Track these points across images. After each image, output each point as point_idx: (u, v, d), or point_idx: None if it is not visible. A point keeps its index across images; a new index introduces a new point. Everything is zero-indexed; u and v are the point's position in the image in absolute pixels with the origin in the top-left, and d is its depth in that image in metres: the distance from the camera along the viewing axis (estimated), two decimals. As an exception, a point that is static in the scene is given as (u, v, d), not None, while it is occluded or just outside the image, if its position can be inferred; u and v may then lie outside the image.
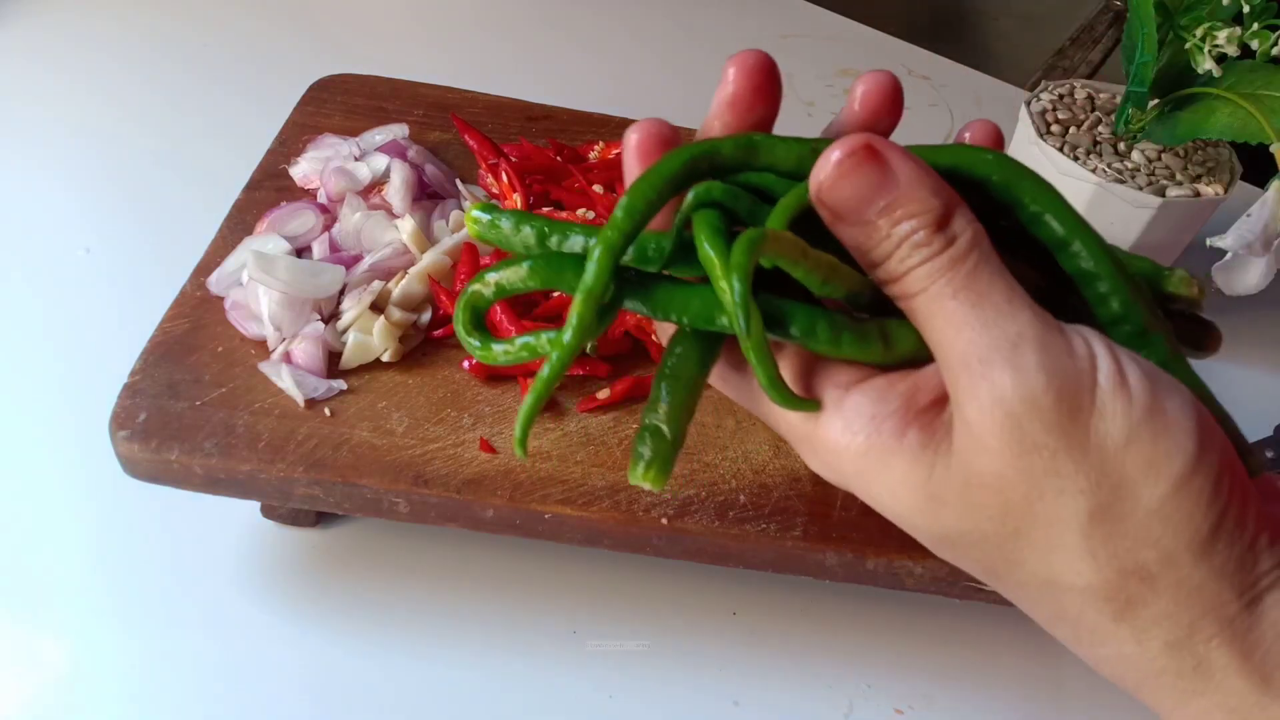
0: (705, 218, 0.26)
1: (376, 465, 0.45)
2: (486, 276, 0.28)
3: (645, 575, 0.53)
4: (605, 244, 0.25)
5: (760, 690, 0.50)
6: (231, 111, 0.77)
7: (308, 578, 0.51)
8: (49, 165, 0.71)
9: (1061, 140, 0.66)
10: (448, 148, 0.62)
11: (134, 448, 0.44)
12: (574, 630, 0.51)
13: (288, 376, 0.47)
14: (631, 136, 0.28)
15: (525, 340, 0.27)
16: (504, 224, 0.29)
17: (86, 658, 0.47)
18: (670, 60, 0.94)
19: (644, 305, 0.28)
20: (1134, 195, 0.62)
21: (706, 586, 0.53)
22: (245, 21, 0.88)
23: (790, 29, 1.02)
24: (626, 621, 0.51)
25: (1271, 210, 0.55)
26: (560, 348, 0.26)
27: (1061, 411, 0.24)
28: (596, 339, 0.49)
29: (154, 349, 0.48)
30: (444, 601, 0.51)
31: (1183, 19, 0.60)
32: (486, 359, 0.28)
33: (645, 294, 0.27)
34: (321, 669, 0.48)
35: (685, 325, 0.28)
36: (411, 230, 0.53)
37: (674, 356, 0.28)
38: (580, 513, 0.45)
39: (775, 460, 0.48)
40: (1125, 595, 0.25)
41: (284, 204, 0.55)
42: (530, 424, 0.27)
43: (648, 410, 0.27)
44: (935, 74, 0.99)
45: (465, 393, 0.48)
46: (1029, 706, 0.51)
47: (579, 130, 0.65)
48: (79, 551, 0.51)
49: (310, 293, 0.49)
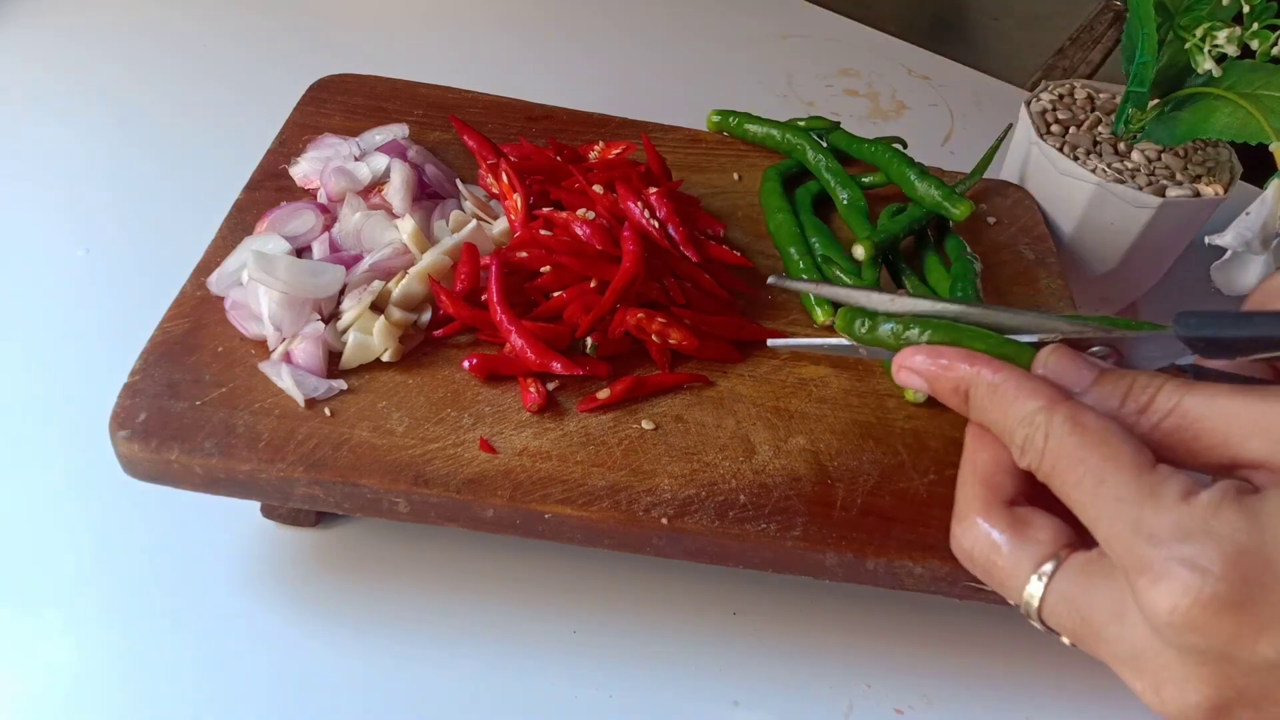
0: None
1: (376, 465, 0.45)
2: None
3: (645, 575, 0.53)
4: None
5: (760, 690, 0.50)
6: (231, 111, 0.77)
7: (308, 578, 0.51)
8: (48, 165, 0.71)
9: (1061, 140, 0.66)
10: (448, 148, 0.62)
11: (134, 448, 0.44)
12: (574, 630, 0.51)
13: (288, 376, 0.47)
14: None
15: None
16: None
17: (86, 657, 0.47)
18: (670, 60, 0.94)
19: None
20: (1134, 195, 0.62)
21: (706, 586, 0.53)
22: (245, 21, 0.88)
23: (790, 29, 1.02)
24: (626, 621, 0.51)
25: (1270, 208, 0.55)
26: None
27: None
28: (595, 339, 0.50)
29: (154, 349, 0.48)
30: (444, 601, 0.51)
31: (1183, 19, 0.60)
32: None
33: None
34: (321, 668, 0.48)
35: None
36: (411, 230, 0.53)
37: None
38: (580, 513, 0.45)
39: (775, 460, 0.48)
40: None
41: (284, 204, 0.55)
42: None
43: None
44: (935, 74, 0.99)
45: (465, 393, 0.48)
46: (1029, 706, 0.51)
47: (579, 130, 0.65)
48: (79, 551, 0.51)
49: (310, 293, 0.49)
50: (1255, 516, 0.26)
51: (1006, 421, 0.31)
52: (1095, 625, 0.29)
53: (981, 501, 0.32)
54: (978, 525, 0.32)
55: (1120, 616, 0.28)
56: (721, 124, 0.68)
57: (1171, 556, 0.26)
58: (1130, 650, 0.28)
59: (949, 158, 0.88)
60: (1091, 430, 0.29)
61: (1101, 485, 0.28)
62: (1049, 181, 0.66)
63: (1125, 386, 0.31)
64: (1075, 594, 0.29)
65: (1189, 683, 0.27)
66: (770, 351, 0.53)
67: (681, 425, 0.49)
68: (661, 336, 0.51)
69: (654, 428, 0.48)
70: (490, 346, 0.50)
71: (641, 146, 0.61)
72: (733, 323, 0.53)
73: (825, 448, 0.49)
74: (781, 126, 0.66)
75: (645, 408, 0.49)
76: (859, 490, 0.47)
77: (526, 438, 0.47)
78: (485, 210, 0.57)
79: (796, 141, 0.66)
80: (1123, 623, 0.28)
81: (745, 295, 0.56)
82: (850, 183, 0.63)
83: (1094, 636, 0.29)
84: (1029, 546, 0.30)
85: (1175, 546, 0.26)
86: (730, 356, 0.52)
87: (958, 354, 0.33)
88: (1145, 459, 0.28)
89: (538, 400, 0.48)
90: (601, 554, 0.50)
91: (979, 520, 0.32)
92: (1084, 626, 0.29)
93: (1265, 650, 0.25)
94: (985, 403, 0.32)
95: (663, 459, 0.47)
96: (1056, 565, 0.30)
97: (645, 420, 0.49)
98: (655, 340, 0.51)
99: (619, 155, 0.61)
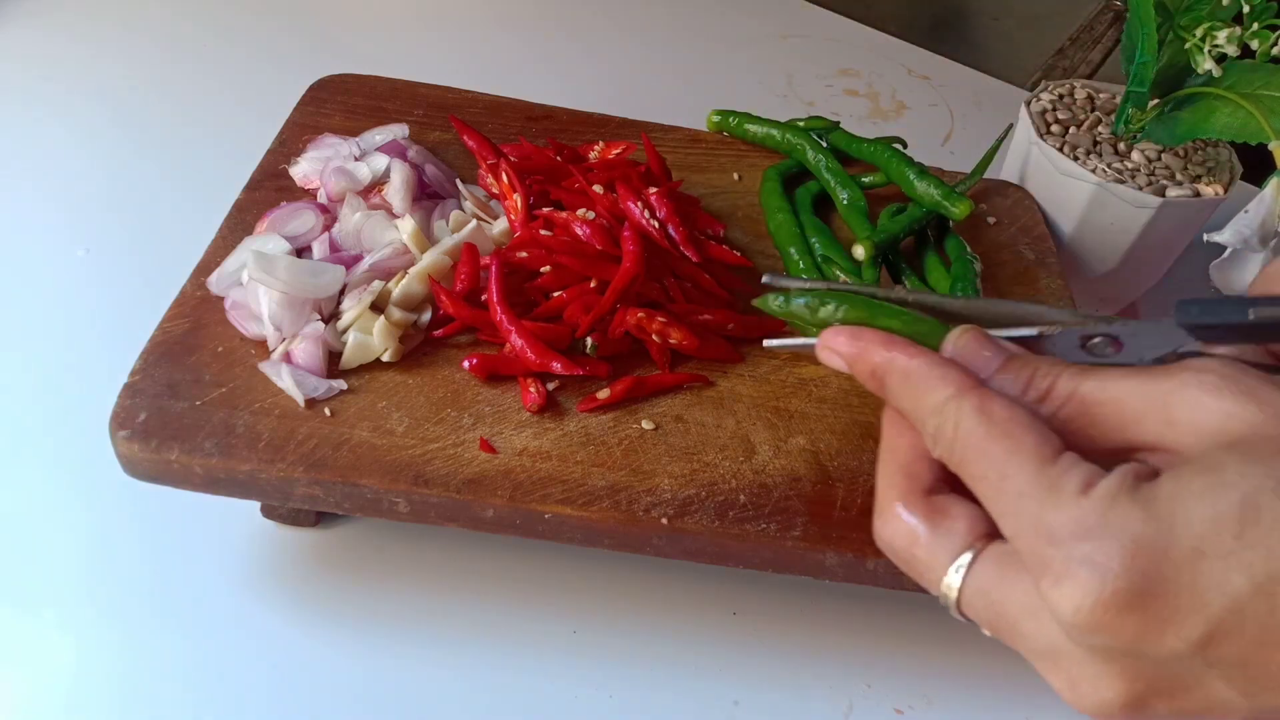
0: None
1: (376, 465, 0.45)
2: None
3: (645, 575, 0.53)
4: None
5: (760, 690, 0.50)
6: (231, 111, 0.77)
7: (308, 578, 0.51)
8: (48, 165, 0.71)
9: (1061, 140, 0.66)
10: (448, 148, 0.62)
11: (134, 448, 0.44)
12: (574, 630, 0.51)
13: (288, 376, 0.47)
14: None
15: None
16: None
17: (86, 657, 0.47)
18: (670, 60, 0.94)
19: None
20: (1134, 195, 0.62)
21: (706, 586, 0.53)
22: (245, 21, 0.88)
23: (790, 29, 1.02)
24: (626, 621, 0.51)
25: (1269, 206, 0.55)
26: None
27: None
28: (595, 339, 0.50)
29: (154, 349, 0.48)
30: (444, 601, 0.51)
31: (1183, 19, 0.60)
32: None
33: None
34: (321, 668, 0.48)
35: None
36: (411, 230, 0.53)
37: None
38: (580, 513, 0.45)
39: (775, 460, 0.48)
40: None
41: (284, 204, 0.55)
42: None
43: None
44: (935, 74, 0.99)
45: (465, 393, 0.48)
46: (1029, 706, 0.51)
47: (579, 130, 0.65)
48: (79, 551, 0.51)
49: (310, 293, 0.49)
50: (1150, 505, 0.25)
51: (919, 410, 0.30)
52: (1010, 621, 0.28)
53: (899, 491, 0.31)
54: (897, 515, 0.31)
55: (1034, 613, 0.27)
56: (721, 124, 0.68)
57: (1071, 556, 0.25)
58: (1045, 646, 0.28)
59: (949, 158, 0.88)
60: (998, 421, 0.28)
61: (1004, 480, 0.28)
62: (1049, 181, 0.66)
63: (1028, 374, 0.30)
64: (990, 588, 0.29)
65: (1102, 680, 0.27)
66: (770, 351, 0.53)
67: (681, 425, 0.49)
68: (662, 336, 0.51)
69: (654, 428, 0.48)
70: (490, 346, 0.50)
71: (641, 146, 0.61)
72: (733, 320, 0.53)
73: (825, 448, 0.49)
74: (781, 126, 0.66)
75: (645, 408, 0.49)
76: (859, 490, 0.47)
77: (526, 438, 0.47)
78: (485, 210, 0.57)
79: (796, 141, 0.66)
80: (1037, 619, 0.27)
81: (745, 295, 0.56)
82: (850, 183, 0.63)
83: (1010, 631, 0.29)
84: (946, 538, 0.30)
85: (1074, 545, 0.26)
86: (730, 356, 0.52)
87: (875, 337, 0.32)
88: (1049, 450, 0.28)
89: (538, 400, 0.48)
90: (601, 554, 0.50)
91: (898, 510, 0.31)
92: (1000, 621, 0.29)
93: (1172, 643, 0.25)
94: (899, 390, 0.31)
95: (663, 459, 0.47)
96: (974, 557, 0.29)
97: (645, 420, 0.49)
98: (655, 340, 0.51)
99: (619, 155, 0.61)
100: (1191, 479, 0.25)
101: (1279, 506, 0.24)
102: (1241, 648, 0.24)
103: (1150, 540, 0.25)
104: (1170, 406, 0.27)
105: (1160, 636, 0.25)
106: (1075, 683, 0.28)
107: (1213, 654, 0.25)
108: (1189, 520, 0.25)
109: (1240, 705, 0.26)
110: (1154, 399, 0.27)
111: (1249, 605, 0.24)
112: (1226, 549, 0.24)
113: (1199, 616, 0.24)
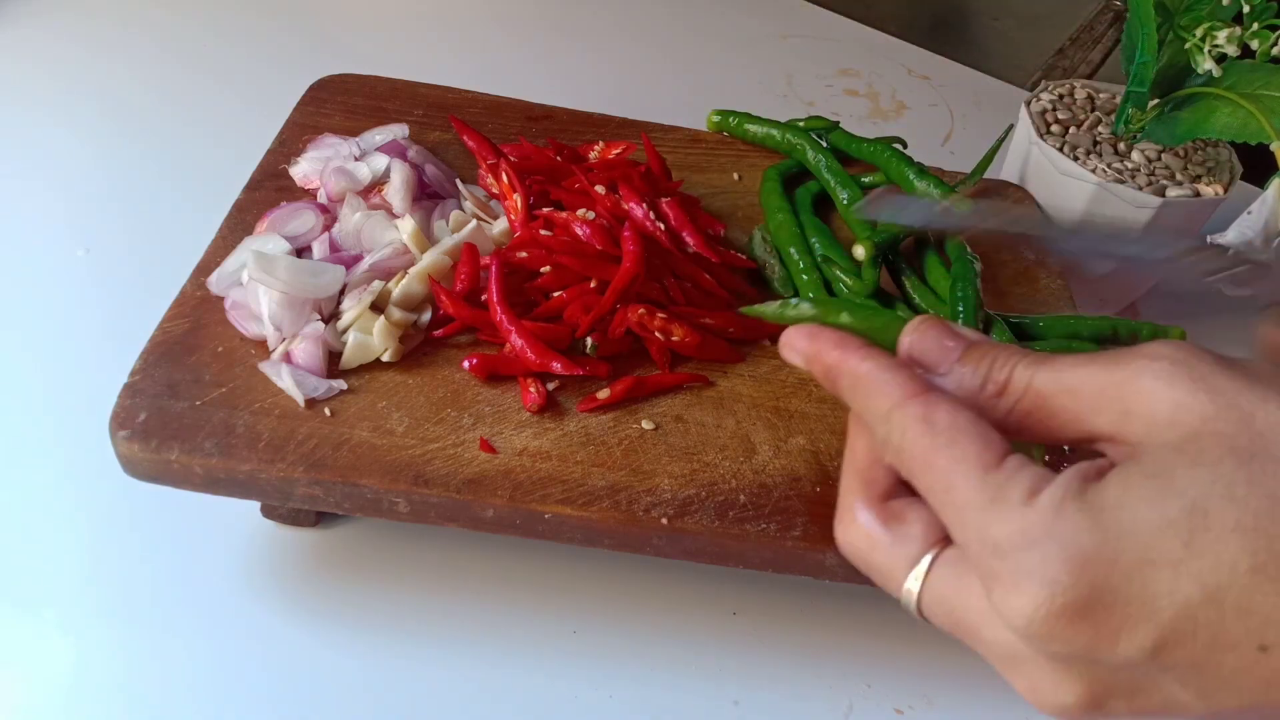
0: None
1: (376, 465, 0.45)
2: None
3: (645, 575, 0.53)
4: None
5: (760, 690, 0.50)
6: (231, 111, 0.77)
7: (308, 578, 0.51)
8: (48, 165, 0.71)
9: (1061, 140, 0.66)
10: (448, 148, 0.62)
11: (134, 448, 0.44)
12: (574, 630, 0.51)
13: (288, 376, 0.47)
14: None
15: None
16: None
17: (86, 657, 0.47)
18: (670, 60, 0.94)
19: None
20: (1134, 195, 0.62)
21: (706, 586, 0.53)
22: (245, 21, 0.88)
23: (790, 29, 1.02)
24: (626, 621, 0.51)
25: (1272, 208, 0.55)
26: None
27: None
28: (595, 339, 0.50)
29: (154, 349, 0.48)
30: (444, 601, 0.51)
31: (1183, 19, 0.60)
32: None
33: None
34: (321, 668, 0.48)
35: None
36: (411, 230, 0.53)
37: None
38: (580, 513, 0.45)
39: (775, 460, 0.48)
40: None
41: (284, 204, 0.55)
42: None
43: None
44: (935, 74, 0.99)
45: (465, 393, 0.48)
46: (1029, 706, 0.51)
47: (579, 130, 0.65)
48: (79, 551, 0.51)
49: (310, 293, 0.49)
50: (1098, 513, 0.25)
51: (869, 416, 0.30)
52: (969, 627, 0.28)
53: (858, 495, 0.31)
54: (856, 520, 0.31)
55: (991, 620, 0.27)
56: (721, 124, 0.68)
57: (1019, 568, 0.25)
58: (1004, 652, 0.28)
59: (949, 158, 0.88)
60: (941, 430, 0.28)
61: (949, 492, 0.27)
62: (1049, 181, 0.66)
63: (987, 365, 0.30)
64: (949, 594, 0.29)
65: (1061, 684, 0.27)
66: (770, 351, 0.53)
67: (681, 425, 0.49)
68: (664, 333, 0.51)
69: (654, 428, 0.48)
70: (490, 346, 0.50)
71: (641, 146, 0.61)
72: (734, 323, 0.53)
73: (825, 448, 0.49)
74: (781, 126, 0.66)
75: (645, 408, 0.49)
76: (859, 490, 0.47)
77: (526, 438, 0.47)
78: (485, 210, 0.57)
79: (796, 141, 0.66)
80: (993, 626, 0.27)
81: (746, 297, 0.56)
82: (850, 183, 0.63)
83: (970, 636, 0.29)
84: (902, 544, 0.30)
85: (1020, 557, 0.25)
86: (730, 356, 0.52)
87: (829, 337, 0.32)
88: (992, 456, 0.27)
89: (538, 400, 0.48)
90: (601, 554, 0.50)
91: (857, 514, 0.31)
92: (959, 627, 0.29)
93: (1125, 650, 0.25)
94: (850, 394, 0.31)
95: (663, 459, 0.47)
96: (931, 562, 0.29)
97: (645, 420, 0.49)
98: (657, 337, 0.51)
99: (619, 155, 0.61)
100: (1140, 484, 0.25)
101: (1227, 512, 0.24)
102: (1194, 652, 0.24)
103: (1098, 550, 0.25)
104: (1124, 398, 0.27)
105: (1113, 644, 0.25)
106: (1035, 687, 0.28)
107: (1166, 659, 0.25)
108: (1136, 528, 0.25)
109: (1196, 706, 0.26)
110: (1108, 389, 0.27)
111: (1200, 612, 0.24)
112: (1176, 557, 0.24)
113: (1150, 624, 0.24)
